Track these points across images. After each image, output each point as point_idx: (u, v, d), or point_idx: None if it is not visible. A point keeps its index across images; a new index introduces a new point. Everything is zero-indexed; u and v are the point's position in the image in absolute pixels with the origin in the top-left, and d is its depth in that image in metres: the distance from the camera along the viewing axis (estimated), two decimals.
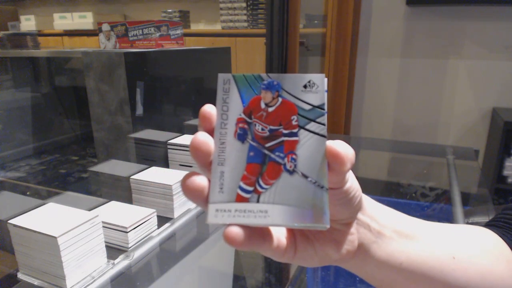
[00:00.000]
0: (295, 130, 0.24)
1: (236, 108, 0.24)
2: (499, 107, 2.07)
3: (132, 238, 0.67)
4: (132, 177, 0.79)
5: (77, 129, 1.48)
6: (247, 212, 0.23)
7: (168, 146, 0.92)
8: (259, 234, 0.24)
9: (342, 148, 0.23)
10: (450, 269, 0.32)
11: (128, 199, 0.80)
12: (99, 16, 3.20)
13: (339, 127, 2.27)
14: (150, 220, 0.71)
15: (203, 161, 0.23)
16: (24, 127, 1.31)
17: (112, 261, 0.62)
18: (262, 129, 0.24)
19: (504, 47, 1.99)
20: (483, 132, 2.15)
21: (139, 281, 0.62)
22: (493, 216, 0.43)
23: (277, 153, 0.24)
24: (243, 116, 0.24)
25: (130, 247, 0.67)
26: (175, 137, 0.94)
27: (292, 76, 0.24)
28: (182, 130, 1.06)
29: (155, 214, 0.72)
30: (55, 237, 0.53)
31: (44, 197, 0.98)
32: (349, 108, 2.35)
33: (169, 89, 1.01)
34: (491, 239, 0.36)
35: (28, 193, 0.98)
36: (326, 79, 0.24)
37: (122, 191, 0.83)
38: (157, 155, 0.93)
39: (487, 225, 0.41)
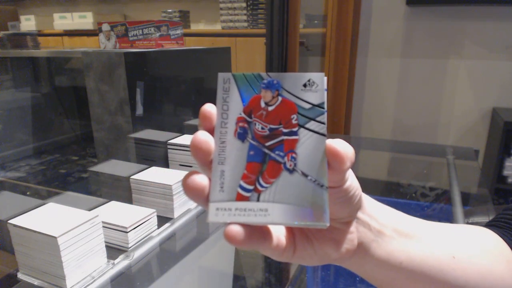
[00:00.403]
0: (295, 129, 0.24)
1: (236, 107, 0.24)
2: (499, 107, 2.07)
3: (132, 238, 0.67)
4: (132, 177, 0.79)
5: (77, 129, 1.48)
6: (247, 210, 0.23)
7: (168, 146, 0.92)
8: (259, 232, 0.24)
9: (341, 146, 0.23)
10: (450, 268, 0.32)
11: (128, 199, 0.80)
12: (99, 16, 3.20)
13: (339, 127, 2.27)
14: (150, 220, 0.71)
15: (203, 160, 0.23)
16: (24, 127, 1.31)
17: (112, 261, 0.62)
18: (262, 128, 0.24)
19: (504, 47, 1.99)
20: (483, 132, 2.15)
21: (139, 281, 0.62)
22: (493, 216, 0.43)
23: (277, 152, 0.24)
24: (243, 115, 0.24)
25: (130, 247, 0.67)
26: (175, 137, 0.94)
27: (292, 75, 0.24)
28: (182, 130, 1.06)
29: (155, 214, 0.72)
30: (55, 237, 0.53)
31: (44, 197, 0.98)
32: (349, 108, 2.35)
33: (169, 89, 1.01)
34: (491, 239, 0.37)
35: (28, 193, 0.98)
36: (325, 78, 0.24)
37: (122, 191, 0.83)
38: (157, 155, 0.93)
39: (488, 225, 0.41)
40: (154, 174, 0.80)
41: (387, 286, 0.33)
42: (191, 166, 0.89)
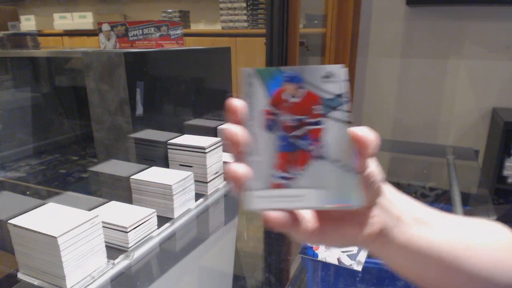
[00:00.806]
0: (319, 119, 0.25)
1: (262, 100, 0.25)
2: (499, 107, 2.07)
3: (132, 238, 0.67)
4: (132, 177, 0.79)
5: (77, 129, 1.48)
6: (283, 197, 0.25)
7: (168, 146, 0.92)
8: (291, 217, 0.26)
9: (365, 132, 0.25)
10: (465, 256, 0.33)
11: (128, 199, 0.80)
12: (99, 16, 3.20)
13: None
14: (150, 220, 0.71)
15: (237, 151, 0.25)
16: (24, 127, 1.31)
17: (112, 261, 0.62)
18: (289, 119, 0.25)
19: (504, 47, 1.99)
20: (483, 132, 2.15)
21: (139, 281, 0.62)
22: (494, 216, 0.43)
23: (304, 141, 0.25)
24: (269, 108, 0.25)
25: (130, 247, 0.67)
26: (175, 137, 0.94)
27: (311, 68, 0.25)
28: (182, 130, 1.06)
29: (155, 214, 0.72)
30: (55, 237, 0.53)
31: (44, 197, 0.98)
32: None
33: (169, 89, 1.01)
34: (505, 232, 0.38)
35: (28, 193, 0.98)
36: (345, 69, 0.25)
37: (122, 191, 0.83)
38: (157, 155, 0.93)
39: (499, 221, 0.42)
40: (154, 174, 0.80)
41: (407, 271, 0.35)
42: (191, 166, 0.89)
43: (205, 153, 0.87)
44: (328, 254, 0.65)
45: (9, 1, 3.69)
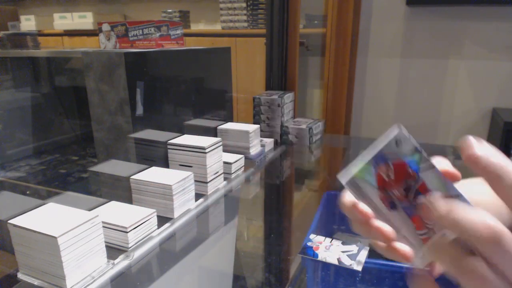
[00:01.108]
0: (416, 176, 0.29)
1: (373, 192, 0.30)
2: (499, 107, 2.07)
3: (132, 238, 0.67)
4: (132, 177, 0.79)
5: (77, 129, 1.48)
6: None
7: (168, 146, 0.92)
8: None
9: (448, 165, 0.31)
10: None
11: (128, 199, 0.80)
12: (99, 16, 3.20)
13: (339, 127, 2.27)
14: (150, 220, 0.71)
15: (389, 240, 0.31)
16: (24, 127, 1.31)
17: (112, 261, 0.63)
18: (398, 192, 0.30)
19: (504, 47, 1.99)
20: (483, 132, 2.15)
21: (139, 281, 0.62)
22: None
23: (421, 198, 0.30)
24: (382, 194, 0.30)
25: (130, 247, 0.67)
26: (175, 137, 0.94)
27: (381, 143, 0.29)
28: (182, 130, 1.06)
29: (155, 214, 0.72)
30: (55, 237, 0.53)
31: (44, 197, 0.98)
32: (349, 108, 2.35)
33: (169, 89, 1.01)
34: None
35: (28, 193, 0.98)
36: (401, 129, 0.29)
37: (122, 191, 0.83)
38: (157, 155, 0.93)
39: None
40: (154, 174, 0.80)
41: None
42: (191, 166, 0.89)
43: (205, 153, 0.87)
44: (328, 254, 0.65)
45: (9, 1, 3.69)
